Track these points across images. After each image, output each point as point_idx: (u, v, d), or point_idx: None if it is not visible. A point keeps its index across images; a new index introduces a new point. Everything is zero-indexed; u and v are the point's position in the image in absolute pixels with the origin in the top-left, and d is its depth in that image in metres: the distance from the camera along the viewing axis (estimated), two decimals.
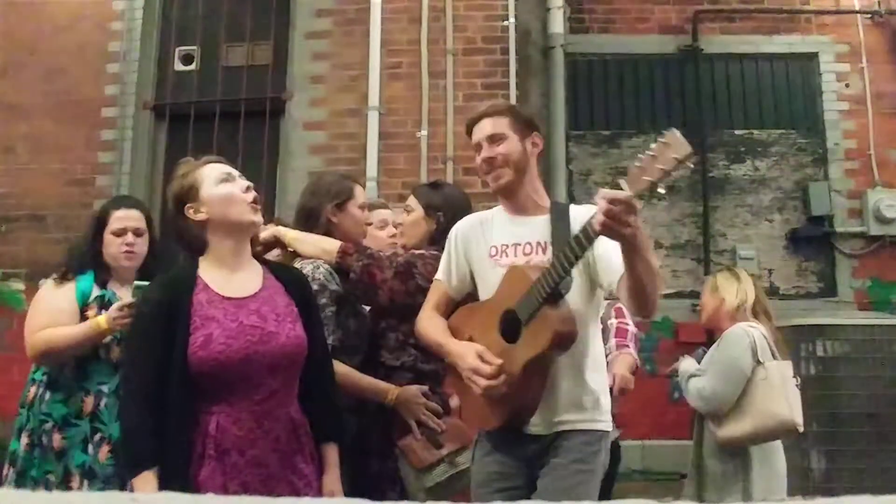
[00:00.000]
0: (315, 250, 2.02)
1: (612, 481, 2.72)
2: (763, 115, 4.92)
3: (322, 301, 1.92)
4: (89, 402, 2.05)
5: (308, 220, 2.10)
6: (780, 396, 2.30)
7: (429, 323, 1.82)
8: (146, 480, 1.49)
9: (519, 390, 1.61)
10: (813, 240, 4.74)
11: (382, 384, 1.98)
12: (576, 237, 1.50)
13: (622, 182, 1.36)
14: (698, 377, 2.45)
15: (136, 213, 2.26)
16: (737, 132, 4.92)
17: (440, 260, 1.90)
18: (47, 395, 2.07)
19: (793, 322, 3.66)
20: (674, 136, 1.31)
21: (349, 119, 4.17)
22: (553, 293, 1.55)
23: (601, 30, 5.02)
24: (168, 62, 4.50)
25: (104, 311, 2.09)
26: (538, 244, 1.73)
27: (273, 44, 4.45)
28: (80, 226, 3.72)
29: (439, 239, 2.02)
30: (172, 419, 1.52)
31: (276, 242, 2.09)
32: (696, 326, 3.07)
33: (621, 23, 5.02)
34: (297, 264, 1.97)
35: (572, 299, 1.63)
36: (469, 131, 1.85)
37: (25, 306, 2.98)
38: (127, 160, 4.29)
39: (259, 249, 1.89)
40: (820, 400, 3.47)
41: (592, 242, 1.47)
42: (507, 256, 1.75)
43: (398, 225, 2.35)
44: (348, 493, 1.71)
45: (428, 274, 1.96)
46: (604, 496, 2.42)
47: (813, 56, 4.92)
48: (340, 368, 1.89)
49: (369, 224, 2.29)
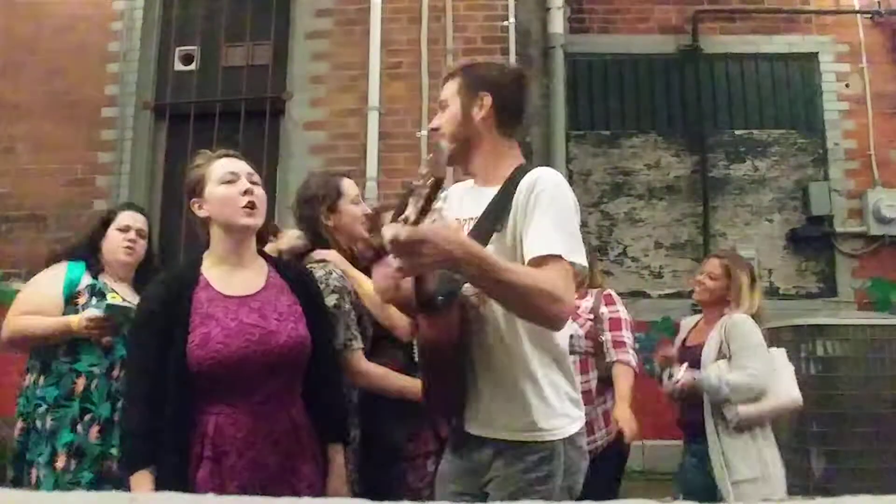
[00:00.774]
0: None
1: (619, 481, 2.71)
2: (763, 115, 4.92)
3: (346, 307, 1.88)
4: (80, 384, 2.09)
5: (314, 234, 2.04)
6: (790, 377, 2.56)
7: None
8: (142, 479, 1.48)
9: (426, 381, 1.52)
10: (813, 240, 4.75)
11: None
12: None
13: (409, 207, 1.22)
14: (732, 374, 2.51)
15: (142, 218, 2.39)
16: (737, 132, 4.92)
17: None
18: (41, 380, 2.12)
19: (793, 322, 3.66)
20: (435, 152, 1.17)
21: (349, 119, 4.17)
22: (423, 300, 1.39)
23: (601, 30, 5.02)
24: (168, 62, 4.50)
25: (94, 299, 2.14)
26: (471, 220, 1.52)
27: (273, 44, 4.45)
28: (80, 226, 3.72)
29: None
30: (171, 419, 1.51)
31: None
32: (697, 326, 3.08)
33: (621, 23, 5.02)
34: (308, 266, 1.94)
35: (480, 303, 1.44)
36: None
37: None
38: (127, 160, 4.29)
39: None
40: (820, 400, 3.47)
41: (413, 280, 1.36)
42: (466, 229, 1.54)
43: None
44: (356, 495, 1.69)
45: None
46: (611, 496, 2.42)
47: (813, 56, 4.93)
48: (377, 370, 1.88)
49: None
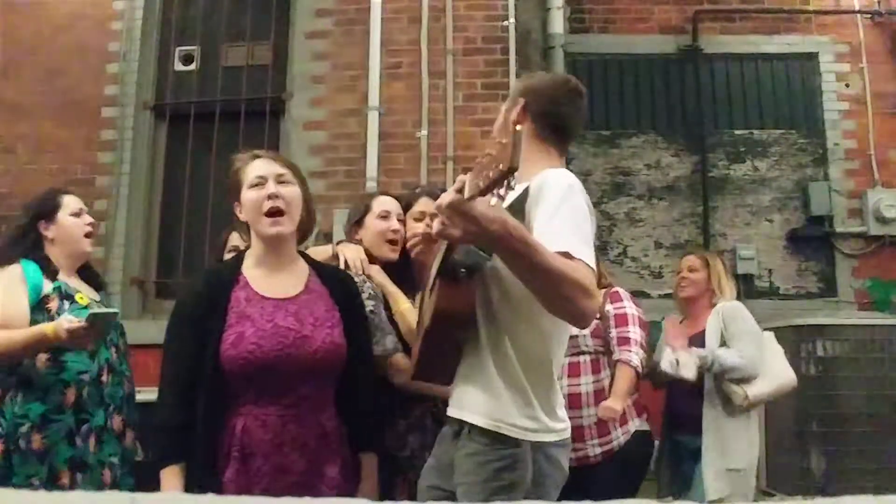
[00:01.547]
0: None
1: (640, 478, 2.66)
2: (763, 115, 4.92)
3: (382, 313, 1.89)
4: (71, 394, 1.96)
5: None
6: (783, 360, 2.72)
7: None
8: (171, 474, 1.49)
9: (423, 359, 1.54)
10: (813, 240, 4.74)
11: None
12: None
13: (466, 181, 1.23)
14: (729, 351, 2.67)
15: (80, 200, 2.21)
16: (737, 132, 4.92)
17: None
18: (20, 397, 1.94)
19: (793, 322, 3.66)
20: (511, 140, 1.10)
21: (349, 119, 4.16)
22: (446, 268, 1.41)
23: (601, 30, 5.02)
24: (168, 62, 4.50)
25: (66, 303, 2.02)
26: None
27: (273, 44, 4.45)
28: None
29: None
30: (202, 416, 1.50)
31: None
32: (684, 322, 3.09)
33: (621, 23, 5.01)
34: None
35: (505, 282, 1.43)
36: None
37: None
38: (127, 160, 4.28)
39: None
40: (820, 400, 3.47)
41: (446, 246, 1.38)
42: None
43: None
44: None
45: None
46: (631, 493, 2.43)
47: (813, 56, 4.92)
48: None
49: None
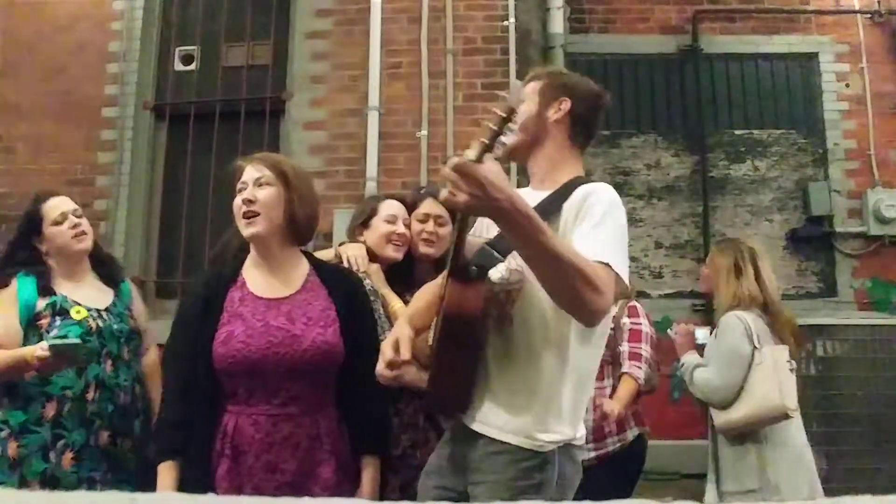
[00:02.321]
0: None
1: (635, 478, 2.70)
2: (763, 115, 4.92)
3: (381, 308, 1.91)
4: (50, 409, 1.94)
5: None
6: (772, 381, 2.31)
7: (416, 296, 1.69)
8: (167, 470, 1.51)
9: (435, 368, 1.46)
10: (813, 240, 4.75)
11: None
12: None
13: (471, 146, 1.22)
14: (704, 367, 2.46)
15: (65, 198, 2.16)
16: (737, 132, 4.92)
17: None
18: (5, 402, 1.95)
19: None
20: (510, 90, 1.16)
21: (349, 119, 4.16)
22: (457, 267, 1.38)
23: (601, 30, 5.02)
24: (168, 62, 4.50)
25: (58, 319, 2.00)
26: None
27: (273, 44, 4.45)
28: None
29: None
30: (197, 414, 1.53)
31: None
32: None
33: (621, 23, 5.02)
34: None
35: (536, 294, 1.39)
36: None
37: None
38: (127, 160, 4.28)
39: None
40: (820, 400, 3.48)
41: (456, 218, 1.36)
42: None
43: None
44: None
45: None
46: (626, 493, 2.42)
47: (813, 56, 4.92)
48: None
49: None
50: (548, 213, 1.41)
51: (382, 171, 4.04)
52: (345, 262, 1.99)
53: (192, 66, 4.50)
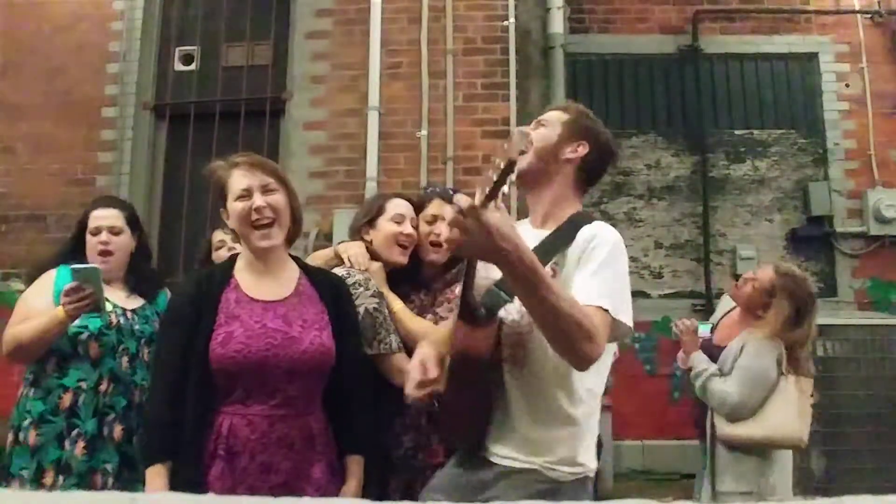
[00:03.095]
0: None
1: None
2: (763, 115, 4.92)
3: (385, 311, 1.88)
4: (67, 399, 2.05)
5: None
6: (794, 411, 2.35)
7: (437, 329, 1.77)
8: (156, 473, 1.50)
9: (446, 405, 1.50)
10: (813, 240, 4.75)
11: None
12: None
13: (477, 190, 1.20)
14: (720, 378, 2.44)
15: (114, 212, 2.22)
16: (737, 132, 4.92)
17: None
18: (31, 393, 2.08)
19: None
20: (511, 139, 1.12)
21: (349, 119, 4.16)
22: (466, 310, 1.39)
23: (601, 30, 5.02)
24: (168, 62, 4.50)
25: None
26: None
27: (273, 44, 4.45)
28: None
29: None
30: (190, 415, 1.53)
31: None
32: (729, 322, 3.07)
33: (621, 23, 5.02)
34: (344, 271, 1.92)
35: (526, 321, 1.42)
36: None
37: None
38: (127, 160, 4.29)
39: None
40: (820, 400, 3.47)
41: (463, 260, 1.34)
42: None
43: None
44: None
45: None
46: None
47: (813, 56, 4.93)
48: None
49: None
50: (550, 254, 1.43)
51: (382, 171, 4.04)
52: (345, 262, 1.95)
53: (192, 66, 4.50)
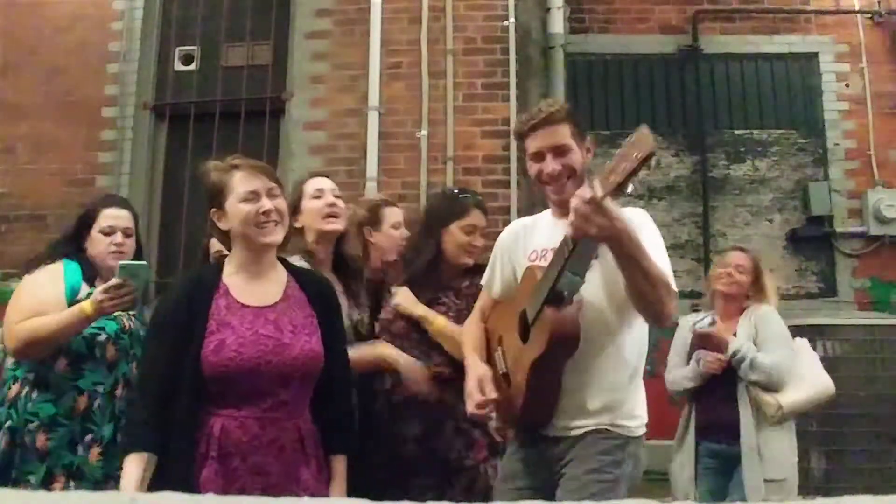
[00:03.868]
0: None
1: None
2: (763, 115, 4.92)
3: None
4: (82, 402, 1.96)
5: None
6: (819, 366, 2.59)
7: (466, 332, 1.89)
8: (131, 462, 1.49)
9: (531, 392, 1.60)
10: (813, 240, 4.74)
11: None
12: (561, 244, 1.50)
13: (595, 181, 1.37)
14: (763, 353, 2.54)
15: (126, 214, 2.15)
16: (737, 132, 4.92)
17: None
18: (34, 395, 1.95)
19: (793, 322, 3.65)
20: (641, 134, 1.30)
21: (349, 119, 4.16)
22: (552, 295, 1.52)
23: (601, 30, 5.02)
24: (168, 62, 4.50)
25: None
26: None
27: (273, 44, 4.45)
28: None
29: None
30: (179, 418, 1.53)
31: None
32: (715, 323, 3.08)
33: (621, 23, 5.02)
34: None
35: (592, 299, 1.60)
36: (523, 135, 1.73)
37: None
38: (127, 160, 4.29)
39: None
40: None
41: (572, 246, 1.44)
42: (546, 260, 1.67)
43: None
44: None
45: None
46: None
47: (813, 56, 4.92)
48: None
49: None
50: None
51: (382, 171, 4.04)
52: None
53: (192, 66, 4.50)
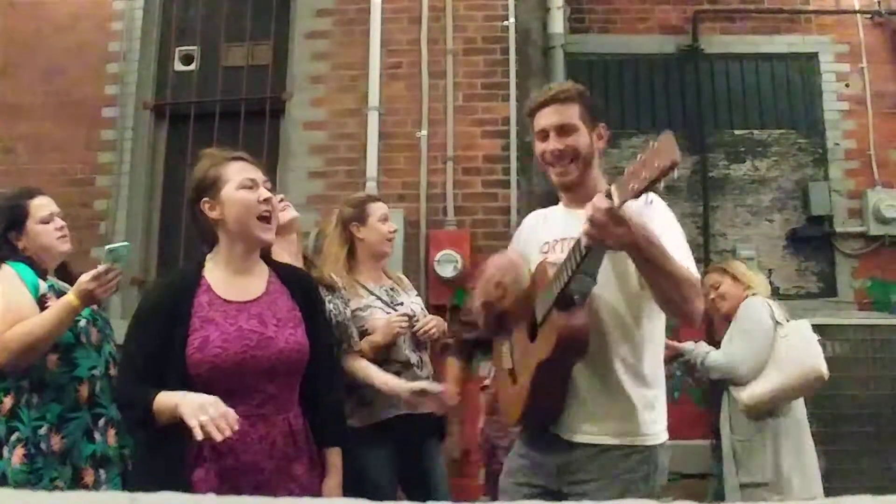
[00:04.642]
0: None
1: None
2: (763, 115, 4.92)
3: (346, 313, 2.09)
4: (85, 390, 1.96)
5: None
6: (803, 348, 2.43)
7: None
8: (163, 396, 1.49)
9: (535, 393, 1.56)
10: (813, 240, 4.74)
11: None
12: (573, 247, 1.45)
13: (613, 188, 1.32)
14: (717, 350, 2.51)
15: (49, 199, 2.13)
16: (737, 132, 4.92)
17: None
18: (35, 399, 1.91)
19: None
20: (664, 142, 1.22)
21: (349, 119, 4.16)
22: (562, 297, 1.47)
23: (601, 30, 5.01)
24: (168, 62, 4.50)
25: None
26: (571, 239, 1.57)
27: (273, 44, 4.44)
28: (80, 226, 3.72)
29: None
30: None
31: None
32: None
33: (621, 23, 5.01)
34: None
35: (606, 301, 1.56)
36: (531, 113, 1.68)
37: None
38: (127, 160, 4.28)
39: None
40: (820, 400, 3.47)
41: (585, 252, 1.40)
42: (555, 252, 1.64)
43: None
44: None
45: None
46: None
47: (813, 56, 4.92)
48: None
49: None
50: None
51: (382, 171, 4.03)
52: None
53: (192, 66, 4.50)
